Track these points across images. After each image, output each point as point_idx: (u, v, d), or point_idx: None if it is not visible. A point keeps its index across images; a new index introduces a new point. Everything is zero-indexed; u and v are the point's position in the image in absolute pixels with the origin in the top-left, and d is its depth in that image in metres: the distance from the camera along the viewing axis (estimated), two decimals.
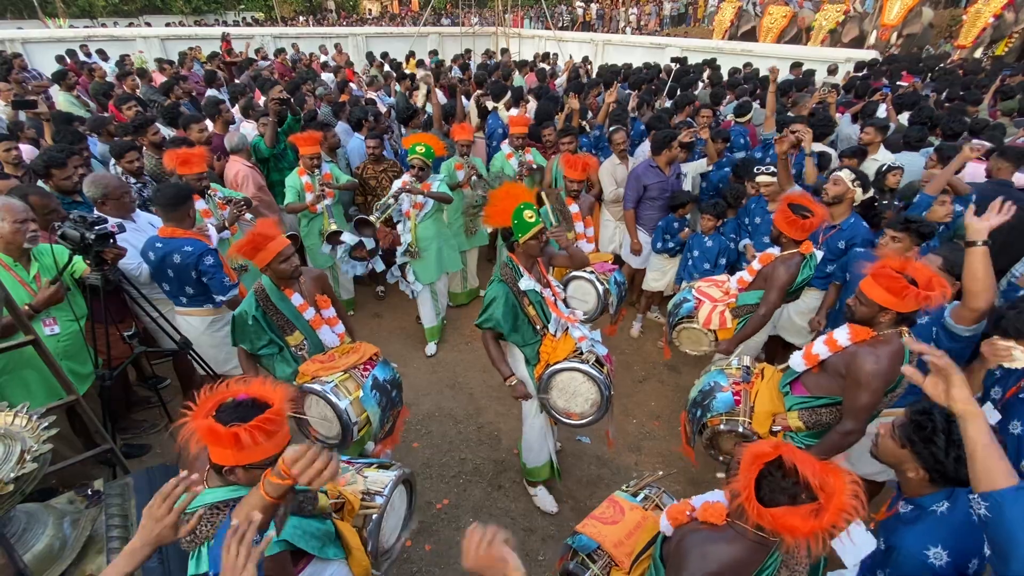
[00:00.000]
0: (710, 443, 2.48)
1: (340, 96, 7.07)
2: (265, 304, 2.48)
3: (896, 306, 1.94)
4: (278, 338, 2.53)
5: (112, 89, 7.16)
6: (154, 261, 2.92)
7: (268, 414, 1.33)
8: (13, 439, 1.71)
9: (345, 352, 2.57)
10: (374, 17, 25.20)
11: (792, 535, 1.19)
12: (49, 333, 2.60)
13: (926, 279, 1.90)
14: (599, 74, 8.62)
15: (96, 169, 4.35)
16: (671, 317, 3.24)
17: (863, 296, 2.03)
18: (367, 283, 5.44)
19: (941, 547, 1.47)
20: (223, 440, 1.30)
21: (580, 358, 2.60)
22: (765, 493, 1.26)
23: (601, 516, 1.93)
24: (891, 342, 2.04)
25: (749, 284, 3.10)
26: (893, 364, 2.00)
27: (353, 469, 2.07)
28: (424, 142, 3.84)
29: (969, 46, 12.76)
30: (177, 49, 12.49)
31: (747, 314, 3.04)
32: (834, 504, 1.18)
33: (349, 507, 1.88)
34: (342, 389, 2.39)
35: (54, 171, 3.32)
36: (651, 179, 4.19)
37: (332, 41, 14.14)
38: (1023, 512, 1.12)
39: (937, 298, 1.86)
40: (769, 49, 12.29)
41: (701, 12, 20.09)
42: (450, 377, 4.22)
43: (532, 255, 2.64)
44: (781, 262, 2.90)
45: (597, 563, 1.84)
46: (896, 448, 1.56)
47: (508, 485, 3.26)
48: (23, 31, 13.99)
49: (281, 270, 2.42)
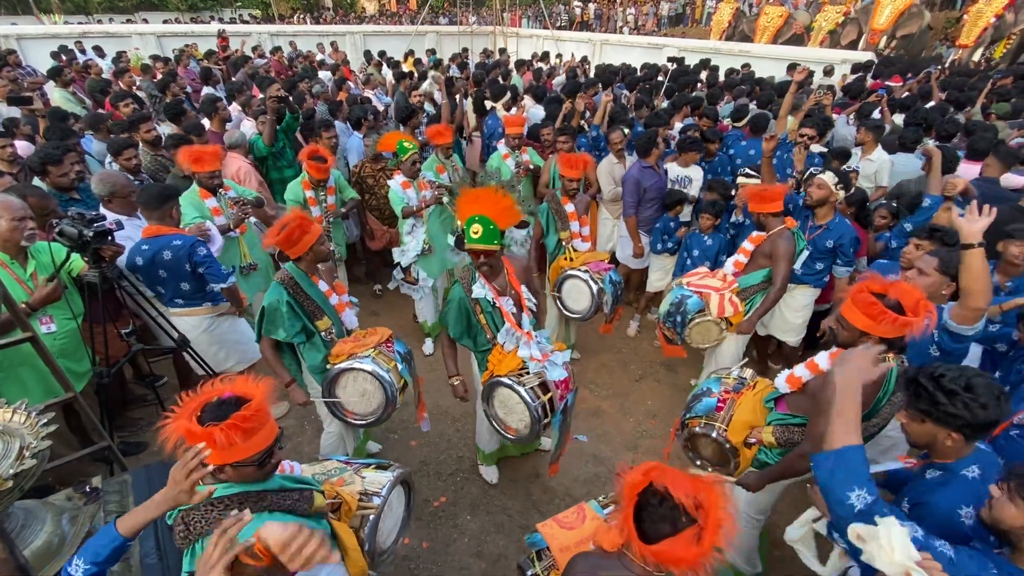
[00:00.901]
0: (688, 444, 2.45)
1: (338, 94, 7.07)
2: (295, 291, 2.55)
3: (874, 331, 1.88)
4: (310, 324, 2.60)
5: (109, 86, 7.13)
6: (143, 265, 2.88)
7: (243, 411, 1.33)
8: (12, 436, 1.71)
9: (366, 334, 2.70)
10: (371, 16, 25.13)
11: (679, 568, 1.18)
12: (46, 331, 2.59)
13: (913, 303, 1.84)
14: (597, 74, 8.63)
15: (91, 167, 4.34)
16: (675, 316, 3.25)
17: (843, 320, 1.98)
18: (365, 282, 5.45)
19: (972, 508, 1.53)
20: (199, 440, 1.30)
21: (520, 378, 2.54)
22: (647, 525, 1.25)
23: (563, 519, 1.97)
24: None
25: (745, 266, 3.23)
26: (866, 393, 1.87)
27: (351, 469, 2.07)
28: (403, 139, 3.90)
29: (971, 45, 12.81)
30: (173, 46, 12.45)
31: (753, 295, 3.18)
32: (712, 521, 1.18)
33: (346, 507, 1.88)
34: (380, 361, 2.55)
35: (50, 168, 3.31)
36: (649, 180, 4.22)
37: (329, 39, 14.10)
38: (840, 468, 1.38)
39: (920, 325, 1.80)
40: (767, 50, 12.32)
41: (699, 12, 20.15)
42: (446, 375, 4.21)
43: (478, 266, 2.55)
44: (777, 236, 3.08)
45: (542, 562, 1.88)
46: (919, 426, 1.59)
47: (505, 483, 3.27)
48: (18, 27, 13.88)
49: (321, 252, 2.56)
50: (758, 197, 3.08)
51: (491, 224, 2.38)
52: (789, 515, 2.70)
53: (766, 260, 3.14)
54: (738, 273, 3.26)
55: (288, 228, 2.40)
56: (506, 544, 2.90)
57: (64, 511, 1.93)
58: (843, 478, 1.38)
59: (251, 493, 1.49)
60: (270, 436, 1.43)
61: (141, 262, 2.86)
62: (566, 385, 2.67)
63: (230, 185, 3.74)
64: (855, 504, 1.35)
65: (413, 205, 3.96)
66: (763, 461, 2.25)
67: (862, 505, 1.35)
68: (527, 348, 2.64)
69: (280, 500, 1.55)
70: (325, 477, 2.01)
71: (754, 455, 2.27)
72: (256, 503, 1.48)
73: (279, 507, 1.54)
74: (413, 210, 3.94)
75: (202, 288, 3.07)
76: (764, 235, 3.15)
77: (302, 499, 1.63)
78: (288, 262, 2.60)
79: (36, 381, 2.56)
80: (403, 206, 3.92)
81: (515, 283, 2.69)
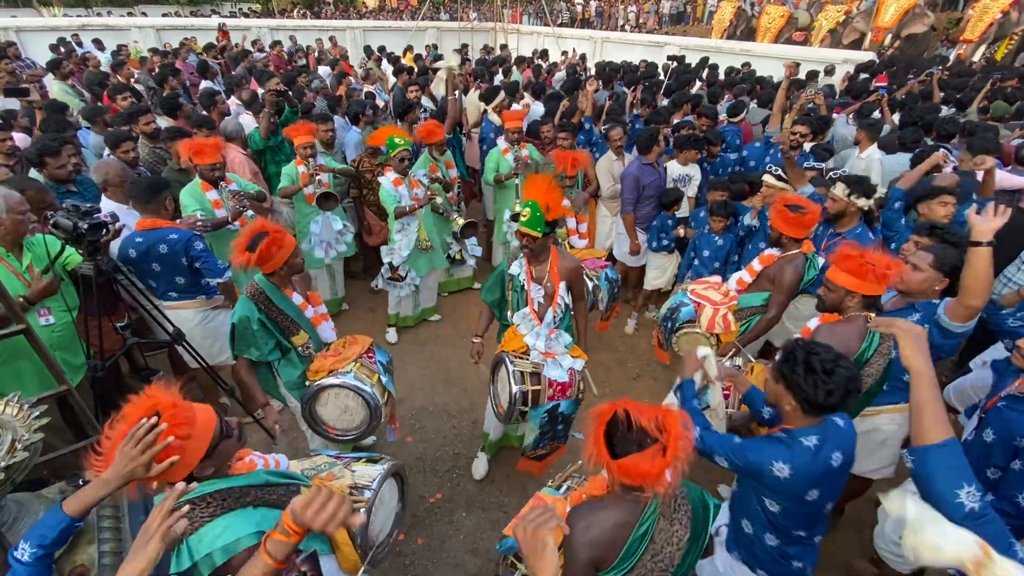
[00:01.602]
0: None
1: (338, 89, 7.04)
2: (267, 307, 2.41)
3: (859, 288, 2.12)
4: (285, 340, 2.48)
5: (107, 79, 7.09)
6: (136, 257, 2.86)
7: (168, 413, 1.35)
8: (4, 428, 1.70)
9: (345, 344, 2.60)
10: (372, 11, 25.02)
11: (645, 479, 1.29)
12: (44, 323, 2.59)
13: (884, 264, 2.09)
14: (597, 72, 8.61)
15: (88, 159, 4.32)
16: (667, 322, 3.21)
17: (830, 283, 2.21)
18: (362, 278, 5.43)
19: (788, 466, 1.62)
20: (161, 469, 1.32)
21: (515, 361, 2.64)
22: (618, 449, 1.35)
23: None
24: (852, 322, 2.22)
25: (750, 285, 3.11)
26: (849, 342, 2.16)
27: (341, 464, 2.06)
28: (394, 134, 3.89)
29: (975, 40, 12.76)
30: (172, 39, 12.40)
31: (749, 316, 3.06)
32: (672, 439, 1.30)
33: None
34: (362, 375, 2.46)
35: (48, 159, 3.29)
36: (648, 177, 4.20)
37: (328, 34, 14.06)
38: (942, 465, 1.31)
39: (894, 276, 2.12)
40: (768, 49, 12.30)
41: (700, 11, 20.09)
42: (443, 372, 4.22)
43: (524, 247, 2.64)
44: (787, 262, 2.94)
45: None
46: (773, 384, 1.72)
47: (501, 479, 3.27)
48: (17, 19, 13.83)
49: (297, 264, 2.44)
50: (790, 220, 2.83)
51: (539, 211, 2.44)
52: None
53: (769, 284, 3.02)
54: (741, 291, 3.15)
55: (262, 244, 2.23)
56: None
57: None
58: (947, 475, 1.30)
59: (233, 489, 1.47)
60: (208, 412, 1.44)
61: (134, 254, 2.84)
62: (563, 389, 2.66)
63: (232, 178, 3.73)
64: (964, 503, 1.27)
65: (405, 204, 3.93)
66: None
67: (974, 504, 1.26)
68: (534, 337, 2.68)
69: (264, 495, 1.54)
70: (315, 472, 1.99)
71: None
72: (239, 499, 1.47)
73: (264, 502, 1.52)
74: (406, 210, 3.91)
75: (197, 282, 3.06)
76: (775, 256, 3.00)
77: (288, 493, 1.61)
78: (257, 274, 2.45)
79: (33, 373, 2.55)
80: (396, 205, 3.89)
81: (555, 277, 2.70)
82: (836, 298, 2.22)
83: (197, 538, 1.37)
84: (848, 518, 3.03)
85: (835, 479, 1.69)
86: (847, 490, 2.86)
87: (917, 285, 2.32)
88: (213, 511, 1.40)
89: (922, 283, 2.31)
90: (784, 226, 2.85)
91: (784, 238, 2.91)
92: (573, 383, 2.68)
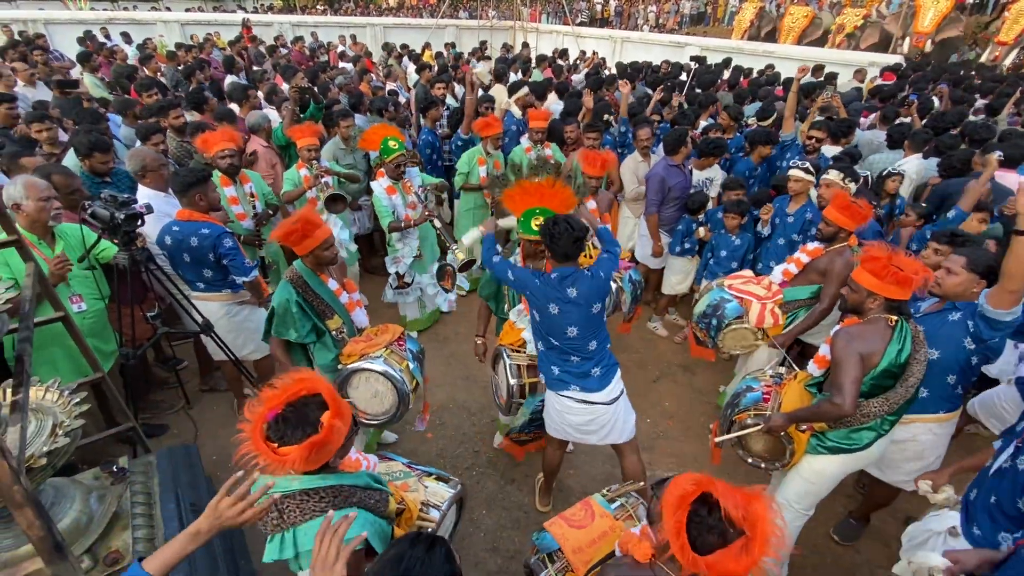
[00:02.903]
0: (739, 442, 2.50)
1: (360, 85, 7.07)
2: (304, 290, 2.51)
3: (881, 290, 2.07)
4: (321, 323, 2.58)
5: (135, 72, 7.20)
6: (171, 246, 2.91)
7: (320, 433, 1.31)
8: (45, 414, 1.73)
9: (378, 332, 2.65)
10: (391, 8, 25.15)
11: None
12: (77, 310, 2.63)
13: (912, 268, 2.04)
14: (619, 73, 8.55)
15: (119, 151, 4.40)
16: (710, 319, 3.19)
17: (853, 283, 2.18)
18: (381, 274, 5.43)
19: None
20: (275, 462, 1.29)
21: (512, 353, 2.72)
22: (694, 535, 1.20)
23: (571, 517, 1.94)
24: (873, 324, 2.15)
25: (795, 277, 3.13)
26: (870, 342, 2.10)
27: (415, 476, 2.06)
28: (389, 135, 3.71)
29: (1011, 43, 12.52)
30: (197, 34, 12.57)
31: (796, 309, 3.10)
32: (760, 533, 1.14)
33: (408, 515, 1.86)
34: (392, 361, 2.52)
35: (97, 154, 3.37)
36: (674, 179, 4.16)
37: (349, 31, 14.15)
38: None
39: (919, 281, 2.04)
40: (791, 51, 12.14)
41: (720, 11, 19.90)
42: (464, 370, 4.22)
43: (528, 251, 2.65)
44: (836, 254, 2.99)
45: (555, 564, 1.86)
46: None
47: (521, 479, 3.26)
48: (45, 12, 14.08)
49: (324, 256, 2.49)
50: (849, 210, 2.87)
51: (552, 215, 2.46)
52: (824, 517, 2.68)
53: (818, 276, 3.03)
54: (785, 283, 3.15)
55: (293, 227, 2.36)
56: (522, 540, 2.89)
57: (92, 490, 1.94)
58: None
59: (344, 488, 1.47)
60: (344, 429, 1.39)
61: (170, 242, 2.89)
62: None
63: (250, 176, 3.77)
64: None
65: (399, 213, 3.86)
66: (815, 445, 2.30)
67: None
68: (530, 332, 2.71)
69: (367, 498, 1.53)
70: (390, 478, 1.99)
71: (808, 439, 2.30)
72: (347, 498, 1.46)
73: (365, 505, 1.51)
74: (400, 226, 3.86)
75: (223, 277, 3.08)
76: (822, 248, 3.03)
77: (382, 500, 1.61)
78: (296, 260, 2.56)
79: (66, 360, 2.59)
80: (390, 220, 3.81)
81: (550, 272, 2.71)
82: (858, 299, 2.18)
83: (305, 530, 1.39)
84: (874, 529, 2.98)
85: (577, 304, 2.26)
86: (873, 498, 2.85)
87: (953, 288, 2.28)
88: (324, 507, 1.41)
89: (958, 286, 2.27)
90: (844, 219, 2.89)
91: (841, 232, 2.96)
92: None
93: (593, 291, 2.31)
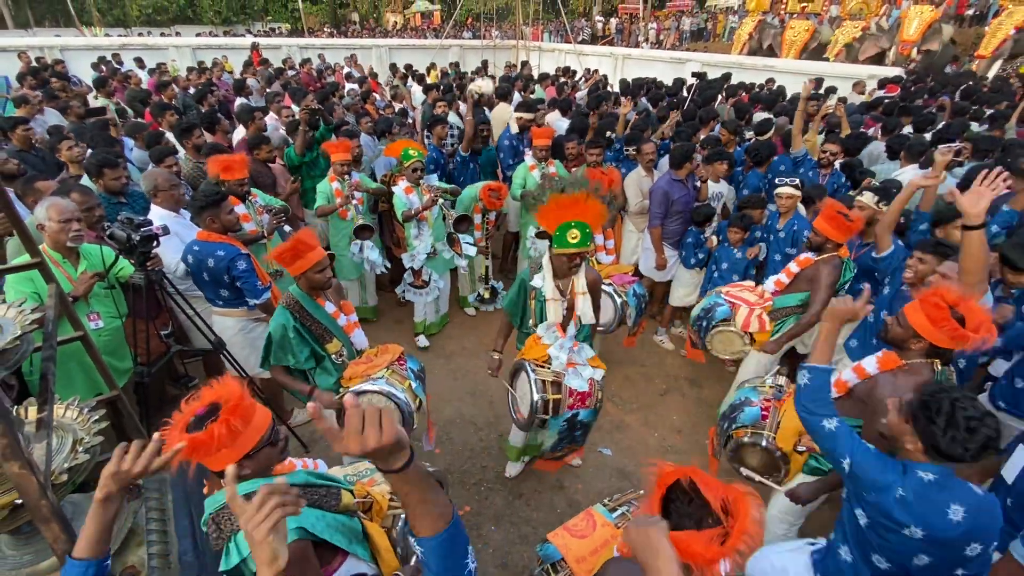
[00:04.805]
0: (734, 456, 2.49)
1: (364, 106, 7.22)
2: (301, 315, 2.50)
3: (931, 336, 1.91)
4: (319, 348, 2.56)
5: (149, 96, 7.39)
6: (192, 264, 3.01)
7: (227, 407, 1.33)
8: (65, 431, 1.77)
9: (378, 353, 2.66)
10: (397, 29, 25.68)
11: (694, 560, 1.13)
12: (93, 327, 2.69)
13: (976, 322, 1.82)
14: (621, 89, 8.68)
15: (132, 173, 4.51)
16: (702, 321, 3.26)
17: (902, 318, 2.01)
18: (390, 289, 5.50)
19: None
20: (207, 444, 1.28)
21: (536, 369, 2.69)
22: (673, 518, 1.23)
23: (573, 527, 1.95)
24: (918, 373, 2.00)
25: (786, 286, 3.19)
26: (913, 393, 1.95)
27: None
28: (408, 146, 4.04)
29: (988, 56, 12.60)
30: (207, 58, 12.89)
31: (785, 316, 3.15)
32: (738, 527, 1.14)
33: (377, 507, 1.88)
34: (394, 381, 2.52)
35: (107, 171, 3.46)
36: (677, 193, 4.21)
37: (356, 52, 14.47)
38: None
39: (976, 342, 1.80)
40: (791, 65, 12.28)
41: (720, 28, 20.15)
42: (471, 384, 4.24)
43: (559, 267, 2.66)
44: (824, 263, 3.04)
45: (559, 574, 1.87)
46: (901, 423, 1.61)
47: (529, 494, 3.27)
48: (62, 39, 14.52)
49: (315, 279, 2.47)
50: (836, 221, 2.90)
51: (587, 228, 2.49)
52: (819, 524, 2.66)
53: (807, 284, 3.10)
54: (777, 292, 3.22)
55: (289, 245, 2.35)
56: (531, 556, 2.88)
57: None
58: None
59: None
60: (266, 415, 1.43)
61: (191, 260, 2.99)
62: (582, 398, 2.69)
63: (256, 192, 3.86)
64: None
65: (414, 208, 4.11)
66: (814, 467, 2.27)
67: None
68: (558, 349, 2.71)
69: (306, 495, 1.54)
70: (357, 478, 2.01)
71: (804, 461, 2.28)
72: None
73: (307, 501, 1.53)
74: (412, 214, 4.07)
75: (239, 296, 3.15)
76: (812, 258, 3.09)
77: (328, 495, 1.62)
78: (292, 285, 2.55)
79: (82, 377, 2.64)
80: (404, 210, 4.07)
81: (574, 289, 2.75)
82: (902, 335, 2.00)
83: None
84: None
85: (951, 547, 1.51)
86: None
87: None
88: None
89: None
90: (831, 229, 2.93)
91: (829, 243, 2.99)
92: (592, 392, 2.72)
93: (983, 512, 1.52)
